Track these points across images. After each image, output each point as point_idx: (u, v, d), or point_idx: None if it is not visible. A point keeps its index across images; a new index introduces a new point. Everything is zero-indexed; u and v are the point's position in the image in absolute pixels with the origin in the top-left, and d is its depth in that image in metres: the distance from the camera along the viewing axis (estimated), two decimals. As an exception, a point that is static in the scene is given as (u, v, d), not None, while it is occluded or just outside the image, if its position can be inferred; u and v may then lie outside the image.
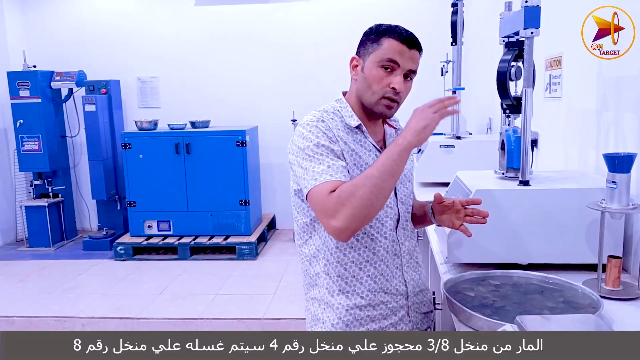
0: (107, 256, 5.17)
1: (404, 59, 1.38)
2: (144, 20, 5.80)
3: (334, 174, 1.32)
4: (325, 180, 1.31)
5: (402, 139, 1.29)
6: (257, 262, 4.96)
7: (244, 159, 5.11)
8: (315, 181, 1.32)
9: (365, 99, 1.43)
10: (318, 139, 1.37)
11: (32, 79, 5.29)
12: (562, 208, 1.65)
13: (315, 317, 1.50)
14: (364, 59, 1.43)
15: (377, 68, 1.39)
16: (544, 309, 1.38)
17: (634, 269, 1.64)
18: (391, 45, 1.38)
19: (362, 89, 1.43)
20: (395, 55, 1.37)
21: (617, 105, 1.83)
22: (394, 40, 1.38)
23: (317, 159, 1.35)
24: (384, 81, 1.39)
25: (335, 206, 1.26)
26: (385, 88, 1.39)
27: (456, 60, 3.18)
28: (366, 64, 1.41)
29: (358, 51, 1.46)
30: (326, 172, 1.32)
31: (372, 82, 1.40)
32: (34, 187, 5.55)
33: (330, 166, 1.33)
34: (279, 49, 5.70)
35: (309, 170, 1.34)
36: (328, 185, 1.30)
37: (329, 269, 1.45)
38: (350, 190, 1.26)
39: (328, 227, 1.30)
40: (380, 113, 1.43)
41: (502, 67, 1.86)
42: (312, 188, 1.32)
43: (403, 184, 1.53)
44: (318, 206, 1.32)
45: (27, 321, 3.79)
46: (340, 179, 1.32)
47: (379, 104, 1.41)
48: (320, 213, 1.32)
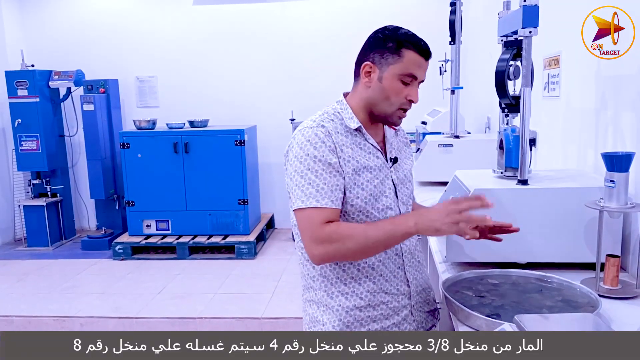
0: (106, 256, 5.17)
1: (421, 71, 1.41)
2: (142, 20, 5.79)
3: (321, 199, 1.34)
4: (311, 205, 1.34)
5: (414, 225, 1.28)
6: (255, 262, 4.96)
7: (242, 158, 5.11)
8: (302, 203, 1.35)
9: (380, 109, 1.44)
10: (315, 151, 1.37)
11: (30, 79, 5.29)
12: (560, 207, 1.66)
13: (314, 319, 1.49)
14: (380, 68, 1.40)
15: (397, 81, 1.39)
16: (542, 308, 1.38)
17: (632, 267, 1.64)
18: (413, 59, 1.38)
19: (379, 100, 1.43)
20: (416, 70, 1.39)
21: (615, 104, 1.83)
22: (415, 53, 1.38)
23: (309, 178, 1.35)
24: (403, 94, 1.41)
25: (324, 240, 1.31)
26: (403, 100, 1.41)
27: (455, 60, 3.18)
28: (385, 75, 1.40)
29: (371, 57, 1.42)
30: (314, 196, 1.34)
31: (391, 94, 1.41)
32: (33, 186, 5.55)
33: (319, 190, 1.34)
34: (278, 48, 5.70)
35: (298, 187, 1.36)
36: (317, 213, 1.33)
37: (326, 271, 1.45)
38: (342, 237, 1.31)
39: (309, 251, 1.35)
40: (394, 123, 1.47)
41: (500, 67, 1.87)
42: (299, 209, 1.36)
43: (404, 184, 1.53)
44: (306, 229, 1.36)
45: (26, 321, 3.79)
46: (327, 205, 1.34)
47: (395, 115, 1.44)
48: (306, 236, 1.36)
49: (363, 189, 1.41)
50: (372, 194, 1.42)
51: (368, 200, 1.42)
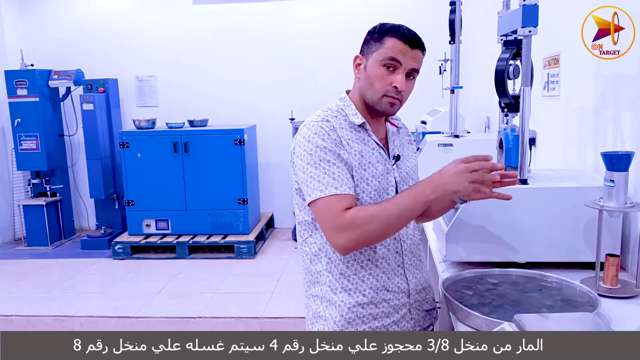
0: (105, 255, 5.17)
1: (406, 58, 1.39)
2: (142, 19, 5.78)
3: (339, 187, 1.34)
4: (331, 192, 1.33)
5: (432, 192, 1.28)
6: (255, 261, 4.96)
7: (242, 157, 5.11)
8: (321, 192, 1.34)
9: (368, 97, 1.44)
10: (324, 142, 1.38)
11: (30, 78, 5.28)
12: (560, 206, 1.66)
13: (317, 314, 1.50)
14: (367, 57, 1.44)
15: (380, 67, 1.40)
16: (542, 308, 1.38)
17: (632, 267, 1.64)
18: (394, 45, 1.39)
19: (365, 87, 1.44)
20: (397, 54, 1.38)
21: (615, 103, 1.83)
22: (396, 39, 1.39)
23: (323, 167, 1.36)
24: (386, 80, 1.40)
25: (347, 227, 1.31)
26: (387, 86, 1.40)
27: (454, 59, 3.18)
28: (369, 63, 1.42)
29: (361, 50, 1.47)
30: (331, 184, 1.34)
31: (374, 80, 1.41)
32: (32, 186, 5.54)
33: (336, 177, 1.35)
34: (278, 47, 5.70)
35: (313, 179, 1.36)
36: (337, 201, 1.33)
37: (331, 266, 1.46)
38: (365, 220, 1.31)
39: (333, 241, 1.34)
40: (384, 111, 1.45)
41: (500, 66, 1.87)
42: (318, 199, 1.34)
43: (406, 182, 1.53)
44: (326, 219, 1.35)
45: (26, 320, 3.79)
46: (346, 192, 1.34)
47: (381, 102, 1.43)
48: (327, 226, 1.35)
49: (368, 184, 1.42)
50: (377, 190, 1.43)
51: (372, 196, 1.42)
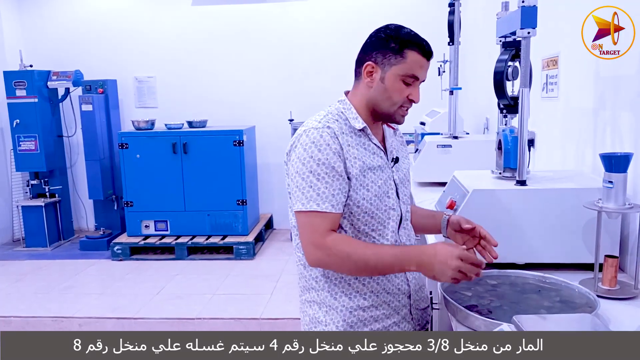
0: (104, 256, 5.16)
1: (423, 72, 1.42)
2: (141, 20, 5.78)
3: (321, 203, 1.35)
4: (312, 208, 1.35)
5: (415, 269, 1.33)
6: (254, 262, 4.96)
7: (241, 158, 5.11)
8: (303, 206, 1.36)
9: (383, 108, 1.44)
10: (320, 153, 1.36)
11: (29, 79, 5.27)
12: (559, 208, 1.66)
13: (316, 319, 1.48)
14: (382, 68, 1.41)
15: (400, 81, 1.41)
16: (540, 309, 1.38)
17: (631, 268, 1.64)
18: (416, 60, 1.39)
19: (381, 99, 1.43)
20: (418, 71, 1.40)
21: (614, 104, 1.83)
22: (417, 54, 1.39)
23: (310, 180, 1.36)
24: (404, 94, 1.42)
25: (323, 250, 1.34)
26: (404, 100, 1.42)
27: (453, 60, 3.18)
28: (387, 76, 1.41)
29: (373, 57, 1.42)
30: (314, 200, 1.35)
31: (393, 94, 1.42)
32: (31, 187, 5.53)
33: (320, 194, 1.35)
34: (277, 48, 5.70)
35: (299, 189, 1.37)
36: (319, 218, 1.35)
37: (328, 272, 1.45)
38: (342, 256, 1.34)
39: (306, 251, 1.38)
40: (397, 121, 1.48)
41: (499, 67, 1.87)
42: (301, 212, 1.37)
43: (404, 184, 1.53)
44: (307, 233, 1.38)
45: (24, 321, 3.78)
46: (327, 210, 1.35)
47: (397, 114, 1.45)
48: (306, 239, 1.38)
49: (368, 189, 1.41)
50: (377, 195, 1.43)
51: (373, 201, 1.42)
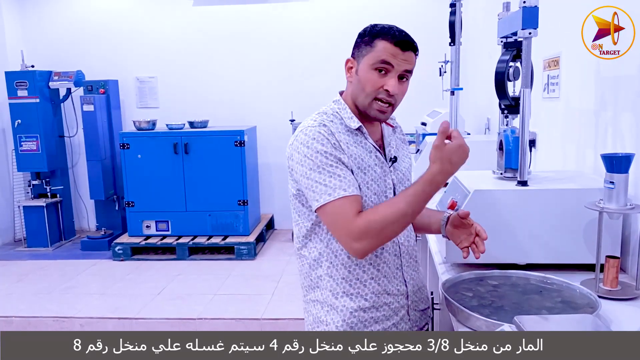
0: (106, 256, 5.16)
1: (397, 61, 1.36)
2: (142, 20, 5.79)
3: (347, 188, 1.33)
4: (340, 195, 1.32)
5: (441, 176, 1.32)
6: (255, 262, 4.96)
7: (242, 159, 5.11)
8: (330, 196, 1.32)
9: (359, 102, 1.42)
10: (323, 147, 1.35)
11: (30, 79, 5.28)
12: (560, 208, 1.66)
13: (318, 319, 1.49)
14: (358, 61, 1.41)
15: (371, 70, 1.38)
16: (542, 309, 1.38)
17: (632, 269, 1.64)
18: (385, 48, 1.36)
19: (357, 92, 1.42)
20: (389, 57, 1.36)
21: (615, 105, 1.83)
22: (387, 42, 1.36)
23: (327, 171, 1.34)
24: (378, 83, 1.38)
25: (362, 233, 1.30)
26: (378, 90, 1.38)
27: (454, 61, 3.18)
28: (360, 67, 1.40)
29: (353, 53, 1.44)
30: (339, 187, 1.33)
31: (365, 84, 1.39)
32: (32, 187, 5.54)
33: (342, 179, 1.33)
34: (278, 48, 5.70)
35: (319, 183, 1.34)
36: (347, 204, 1.31)
37: (332, 271, 1.45)
38: (381, 225, 1.30)
39: (350, 247, 1.33)
40: (374, 117, 1.43)
41: (500, 68, 1.87)
42: (327, 203, 1.33)
43: (403, 184, 1.53)
44: (340, 226, 1.33)
45: (25, 321, 3.79)
46: (354, 193, 1.33)
47: (372, 107, 1.40)
48: (343, 234, 1.33)
49: (369, 187, 1.41)
50: (376, 193, 1.43)
51: (373, 200, 1.42)
